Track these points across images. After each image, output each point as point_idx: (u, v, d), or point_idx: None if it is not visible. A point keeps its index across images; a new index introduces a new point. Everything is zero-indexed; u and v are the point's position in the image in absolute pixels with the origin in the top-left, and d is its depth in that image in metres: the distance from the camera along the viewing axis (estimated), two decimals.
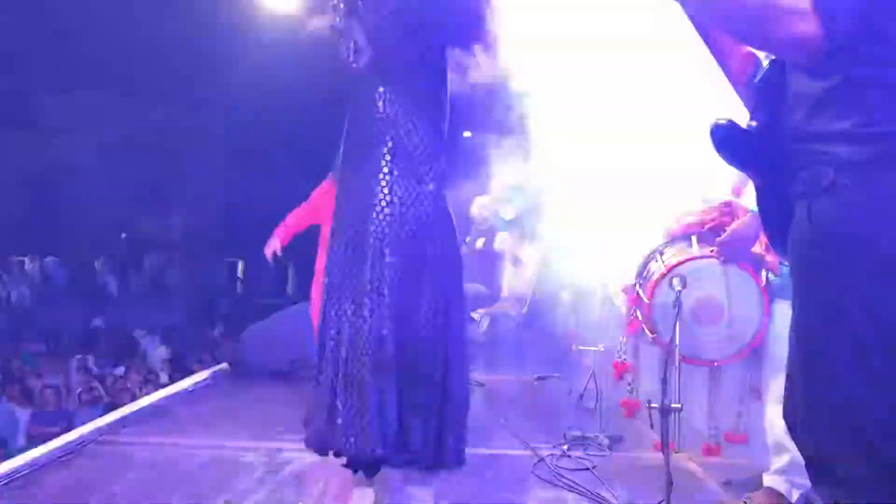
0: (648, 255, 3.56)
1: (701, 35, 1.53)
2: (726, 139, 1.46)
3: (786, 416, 1.51)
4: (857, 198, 1.29)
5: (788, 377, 1.50)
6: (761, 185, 1.53)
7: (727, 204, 3.09)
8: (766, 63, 1.46)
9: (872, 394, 1.30)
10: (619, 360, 3.91)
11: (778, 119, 1.42)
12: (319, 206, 4.84)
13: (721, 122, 1.46)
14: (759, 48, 1.39)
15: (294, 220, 5.05)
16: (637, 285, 3.58)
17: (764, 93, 1.44)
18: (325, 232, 4.80)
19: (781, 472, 2.76)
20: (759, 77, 1.45)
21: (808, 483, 2.71)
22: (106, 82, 18.10)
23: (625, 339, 3.87)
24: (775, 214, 1.50)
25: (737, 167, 1.52)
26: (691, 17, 1.50)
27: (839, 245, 1.31)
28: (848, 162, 1.29)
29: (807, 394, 1.39)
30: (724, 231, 3.01)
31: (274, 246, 5.06)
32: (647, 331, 3.38)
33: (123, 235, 21.48)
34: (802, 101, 1.37)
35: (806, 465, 1.42)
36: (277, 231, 5.06)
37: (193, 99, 17.36)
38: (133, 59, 15.50)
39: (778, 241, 1.55)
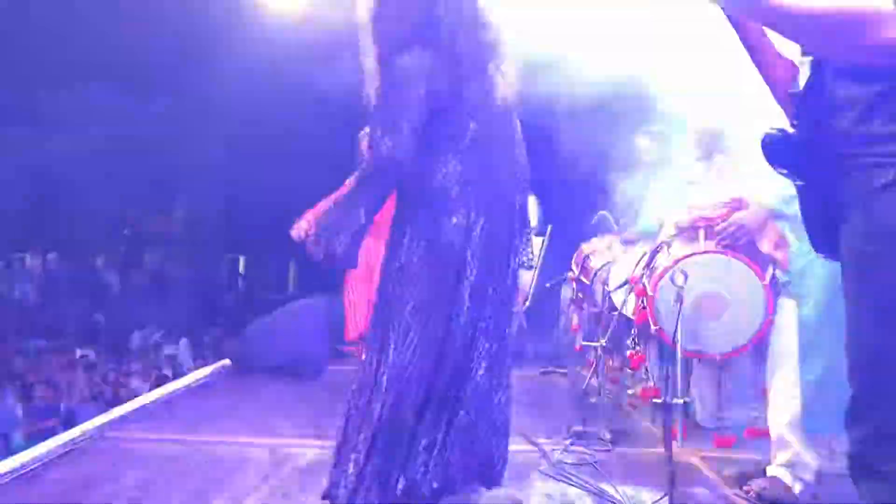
0: (657, 247, 3.56)
1: (743, 44, 1.53)
2: (774, 147, 1.47)
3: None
4: None
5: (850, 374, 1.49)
6: (804, 190, 1.53)
7: (737, 199, 3.10)
8: (805, 71, 1.45)
9: None
10: (633, 351, 3.91)
11: (820, 125, 1.42)
12: None
13: (772, 131, 1.47)
14: (838, 55, 1.37)
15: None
16: (644, 277, 3.58)
17: (805, 100, 1.45)
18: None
19: (785, 465, 2.76)
20: (800, 85, 1.45)
21: (810, 478, 2.72)
22: (106, 78, 18.09)
23: (635, 330, 3.87)
24: (819, 217, 1.52)
25: (782, 173, 1.53)
26: (737, 26, 1.49)
27: None
28: None
29: (863, 390, 1.39)
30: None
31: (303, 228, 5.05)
32: (651, 322, 3.39)
33: (126, 231, 21.48)
34: (850, 105, 1.38)
35: (850, 461, 1.43)
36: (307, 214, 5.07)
37: (194, 94, 17.35)
38: (133, 55, 15.49)
39: (822, 242, 1.56)
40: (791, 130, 1.46)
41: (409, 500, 2.13)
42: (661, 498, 2.55)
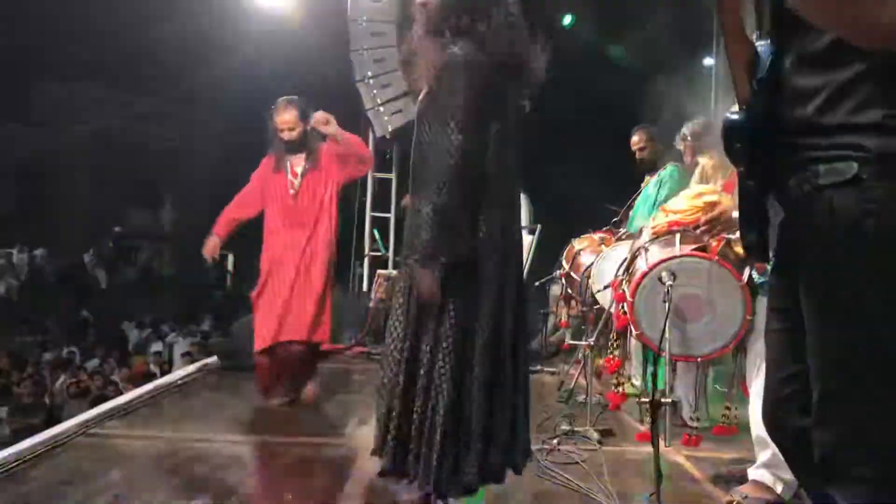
0: (635, 252, 3.57)
1: (719, 10, 1.49)
2: (732, 133, 1.44)
3: (780, 416, 1.50)
4: (888, 190, 1.26)
5: (793, 375, 1.47)
6: (750, 182, 1.50)
7: (711, 203, 3.11)
8: (766, 57, 1.43)
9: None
10: (610, 356, 3.92)
11: (779, 114, 1.39)
12: (263, 189, 4.39)
13: (732, 116, 1.44)
14: (840, 30, 1.29)
15: (238, 211, 4.44)
16: (623, 282, 3.59)
17: (765, 87, 1.41)
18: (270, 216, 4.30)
19: (765, 465, 2.77)
20: (760, 70, 1.42)
21: (791, 477, 2.72)
22: (97, 75, 17.99)
23: (615, 335, 3.89)
24: (755, 207, 1.49)
25: (734, 158, 1.50)
26: None
27: (868, 239, 1.28)
28: (879, 154, 1.27)
29: (826, 391, 1.37)
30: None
31: (212, 246, 4.43)
32: (631, 327, 3.40)
33: (117, 229, 21.38)
34: (812, 94, 1.34)
35: (821, 464, 1.41)
36: (217, 228, 4.42)
37: (185, 92, 17.28)
38: (125, 52, 15.43)
39: (755, 242, 1.52)
40: (749, 117, 1.43)
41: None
42: (648, 496, 2.55)
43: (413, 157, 2.33)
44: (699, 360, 3.44)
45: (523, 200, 6.63)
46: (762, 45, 1.44)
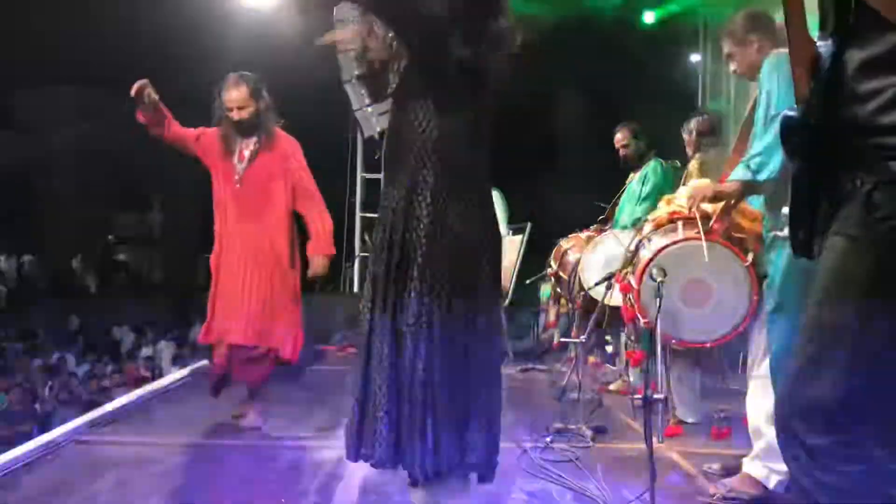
0: (638, 244, 3.57)
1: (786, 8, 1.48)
2: (791, 129, 1.45)
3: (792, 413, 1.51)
4: None
5: (801, 367, 1.48)
6: (803, 179, 1.49)
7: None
8: (827, 57, 1.44)
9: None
10: (631, 349, 3.91)
11: (839, 112, 1.40)
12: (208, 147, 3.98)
13: (791, 112, 1.45)
14: None
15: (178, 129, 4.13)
16: (627, 273, 3.59)
17: (826, 86, 1.42)
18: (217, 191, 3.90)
19: (758, 457, 2.78)
20: (821, 69, 1.43)
21: (785, 468, 2.73)
22: (83, 77, 17.88)
23: (628, 328, 3.87)
24: (808, 203, 1.49)
25: (790, 154, 1.50)
26: None
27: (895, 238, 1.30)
28: None
29: (832, 391, 1.36)
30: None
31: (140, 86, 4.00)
32: (639, 316, 3.38)
33: (111, 237, 21.28)
34: (873, 94, 1.35)
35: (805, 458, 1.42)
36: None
37: (171, 95, 17.20)
38: (111, 54, 15.31)
39: (802, 242, 1.52)
40: (807, 114, 1.44)
41: None
42: (641, 494, 2.55)
43: (386, 145, 2.33)
44: (707, 346, 3.41)
45: (498, 199, 6.65)
46: (823, 45, 1.45)
